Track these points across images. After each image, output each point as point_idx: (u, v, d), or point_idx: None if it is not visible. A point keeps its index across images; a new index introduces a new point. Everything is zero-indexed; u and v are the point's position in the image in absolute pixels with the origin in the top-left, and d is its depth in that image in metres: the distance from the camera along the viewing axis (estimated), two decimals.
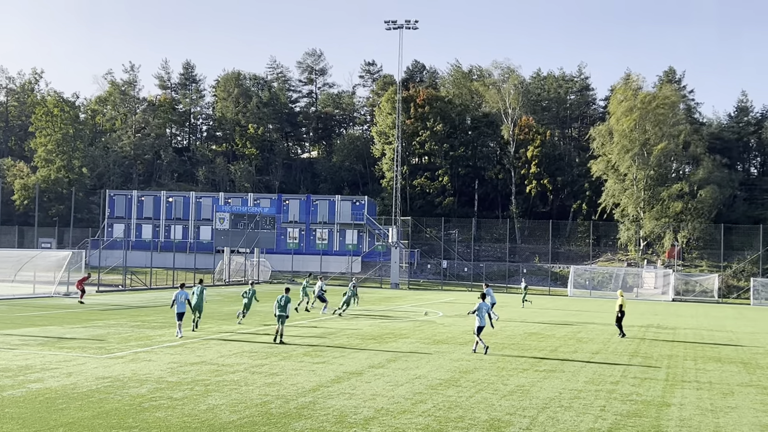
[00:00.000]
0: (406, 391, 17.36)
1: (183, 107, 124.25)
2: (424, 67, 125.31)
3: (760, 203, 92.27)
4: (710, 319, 45.79)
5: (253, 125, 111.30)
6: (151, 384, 17.25)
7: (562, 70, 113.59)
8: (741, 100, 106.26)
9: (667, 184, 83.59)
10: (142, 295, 50.18)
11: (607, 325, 36.53)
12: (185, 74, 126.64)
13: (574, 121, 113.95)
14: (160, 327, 29.60)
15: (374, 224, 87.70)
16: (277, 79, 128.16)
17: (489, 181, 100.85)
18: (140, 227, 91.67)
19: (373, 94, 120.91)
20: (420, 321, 36.18)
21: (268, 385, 17.57)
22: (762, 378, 21.38)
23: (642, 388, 19.01)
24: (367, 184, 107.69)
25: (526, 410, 15.64)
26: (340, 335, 28.64)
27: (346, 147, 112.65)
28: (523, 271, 75.88)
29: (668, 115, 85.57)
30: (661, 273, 73.41)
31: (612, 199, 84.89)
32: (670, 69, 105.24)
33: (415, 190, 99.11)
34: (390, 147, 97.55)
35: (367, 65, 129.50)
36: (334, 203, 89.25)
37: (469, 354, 24.19)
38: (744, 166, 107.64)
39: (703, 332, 35.53)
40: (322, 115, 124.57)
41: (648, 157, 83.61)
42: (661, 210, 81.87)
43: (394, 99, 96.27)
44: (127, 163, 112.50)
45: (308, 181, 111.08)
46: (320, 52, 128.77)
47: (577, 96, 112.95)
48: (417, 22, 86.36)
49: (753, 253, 77.79)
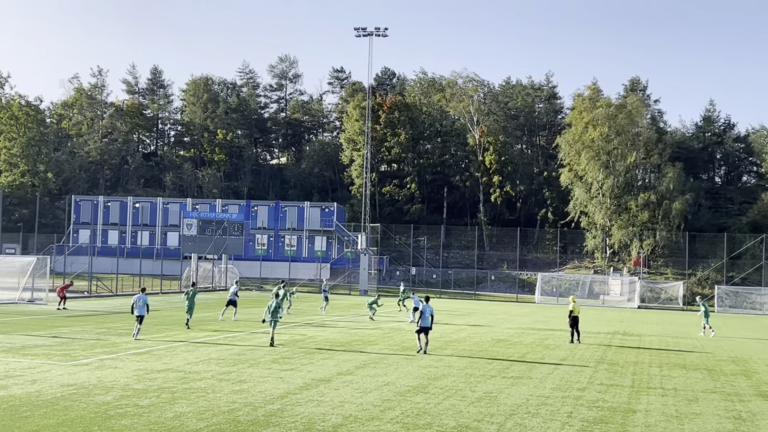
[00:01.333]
0: (375, 398, 17.35)
1: (151, 112, 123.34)
2: (394, 74, 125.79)
3: (724, 212, 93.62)
4: (675, 326, 46.33)
5: (222, 131, 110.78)
6: (117, 391, 17.07)
7: (531, 79, 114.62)
8: (708, 110, 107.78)
9: (633, 193, 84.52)
10: (107, 302, 49.62)
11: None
12: (153, 79, 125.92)
13: (541, 130, 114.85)
14: (126, 334, 29.29)
15: (343, 231, 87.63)
16: (246, 84, 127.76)
17: (457, 189, 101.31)
18: (106, 233, 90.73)
19: (342, 100, 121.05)
20: (389, 328, 36.19)
21: (236, 392, 17.46)
22: (726, 385, 21.66)
23: (608, 394, 19.18)
24: (337, 191, 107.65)
25: (494, 417, 15.71)
26: (309, 342, 28.55)
27: (316, 153, 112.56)
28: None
29: (633, 124, 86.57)
30: (627, 280, 74.19)
31: (579, 208, 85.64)
32: (635, 78, 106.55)
33: (384, 197, 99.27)
34: (359, 154, 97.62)
35: (336, 72, 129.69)
36: (303, 210, 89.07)
37: (437, 361, 24.25)
38: (709, 175, 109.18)
39: (668, 339, 35.93)
40: (291, 121, 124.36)
41: (614, 166, 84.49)
42: (627, 219, 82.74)
43: (362, 106, 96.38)
44: (93, 169, 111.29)
45: (277, 187, 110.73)
46: (294, 58, 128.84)
47: (545, 104, 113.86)
48: (387, 30, 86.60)
49: (717, 261, 78.88)
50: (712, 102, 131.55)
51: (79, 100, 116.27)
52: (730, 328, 45.91)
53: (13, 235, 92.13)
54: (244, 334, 30.98)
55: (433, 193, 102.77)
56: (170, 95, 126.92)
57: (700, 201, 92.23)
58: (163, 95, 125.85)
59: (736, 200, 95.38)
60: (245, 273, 78.10)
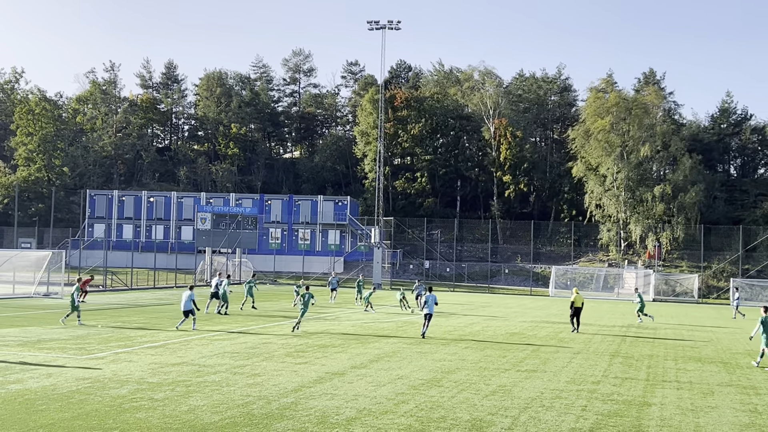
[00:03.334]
0: (389, 391, 17.34)
1: (165, 107, 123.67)
2: (410, 67, 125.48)
3: (739, 204, 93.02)
4: (690, 318, 46.11)
5: (236, 125, 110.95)
6: (132, 385, 17.14)
7: (545, 71, 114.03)
8: (725, 101, 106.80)
9: (648, 185, 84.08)
10: (122, 296, 49.89)
11: (588, 325, 36.68)
12: (167, 73, 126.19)
13: (555, 123, 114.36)
14: (140, 327, 29.45)
15: (357, 224, 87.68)
16: (260, 78, 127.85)
17: (470, 182, 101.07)
18: (121, 227, 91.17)
19: (355, 94, 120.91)
20: (402, 321, 36.18)
21: (250, 385, 17.50)
22: (741, 378, 21.53)
23: (623, 387, 19.10)
24: (350, 185, 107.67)
25: (508, 410, 15.67)
26: (323, 335, 28.59)
27: (329, 147, 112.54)
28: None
29: (648, 116, 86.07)
30: (641, 273, 73.86)
31: (594, 200, 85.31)
32: (650, 71, 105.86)
33: (398, 191, 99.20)
34: (372, 147, 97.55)
35: (349, 65, 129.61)
36: (316, 203, 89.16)
37: (451, 354, 24.22)
38: (724, 167, 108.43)
39: (683, 332, 35.76)
40: (304, 114, 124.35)
41: (628, 159, 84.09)
42: (643, 211, 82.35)
43: (375, 99, 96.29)
44: (108, 163, 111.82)
45: (290, 181, 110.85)
46: (308, 52, 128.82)
47: (558, 97, 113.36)
48: (400, 23, 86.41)
49: (732, 253, 78.43)
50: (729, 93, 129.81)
51: (94, 95, 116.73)
52: (746, 320, 45.61)
53: (29, 230, 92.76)
54: (258, 327, 31.06)
55: (446, 186, 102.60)
56: (184, 90, 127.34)
57: (715, 193, 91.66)
58: (177, 90, 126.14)
59: (752, 192, 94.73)
60: (259, 267, 78.32)
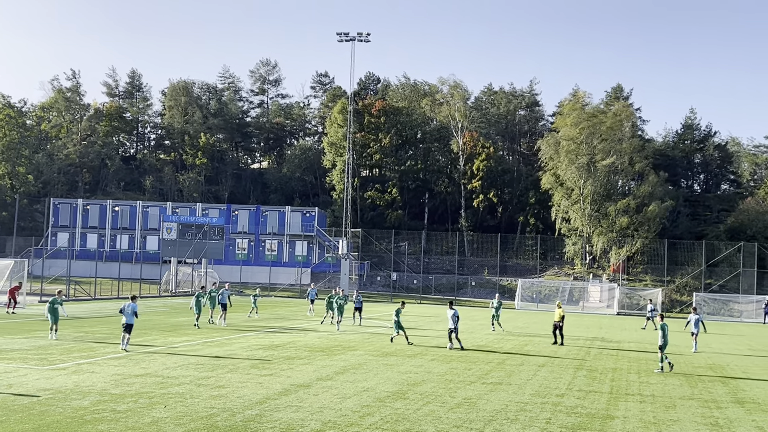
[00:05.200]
0: (354, 403, 17.32)
1: (131, 115, 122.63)
2: (379, 79, 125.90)
3: (702, 219, 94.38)
4: (654, 332, 46.57)
5: (204, 135, 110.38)
6: (94, 396, 16.94)
7: (513, 86, 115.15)
8: (689, 117, 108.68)
9: (614, 199, 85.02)
10: (86, 306, 49.25)
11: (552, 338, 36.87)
12: (132, 82, 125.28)
13: (522, 136, 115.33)
14: (104, 338, 29.10)
15: (324, 236, 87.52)
16: (228, 88, 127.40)
17: (439, 195, 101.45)
18: (85, 236, 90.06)
19: (324, 105, 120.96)
20: (369, 333, 36.14)
21: (214, 397, 17.38)
22: (703, 391, 21.81)
23: (587, 400, 19.26)
24: (318, 196, 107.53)
25: (473, 423, 15.72)
26: (288, 347, 28.47)
27: (297, 158, 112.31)
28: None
29: (615, 131, 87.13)
30: (606, 287, 74.56)
31: (560, 214, 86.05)
32: (617, 86, 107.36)
33: (366, 202, 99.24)
34: (341, 159, 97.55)
35: (319, 76, 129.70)
36: (284, 214, 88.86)
37: (417, 367, 24.25)
38: (688, 183, 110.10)
39: (646, 345, 36.12)
40: (273, 125, 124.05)
41: (595, 172, 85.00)
42: (607, 225, 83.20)
43: (345, 110, 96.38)
44: (72, 171, 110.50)
45: (258, 191, 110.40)
46: (274, 62, 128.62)
47: (527, 111, 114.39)
48: (369, 35, 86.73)
49: (695, 268, 79.49)
50: (693, 110, 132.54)
51: (59, 103, 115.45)
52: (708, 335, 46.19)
53: None
54: (224, 338, 30.86)
55: (414, 198, 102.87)
56: (150, 98, 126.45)
57: (679, 208, 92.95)
58: (141, 98, 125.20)
59: (715, 208, 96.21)
60: (225, 277, 77.56)
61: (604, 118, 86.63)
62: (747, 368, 28.39)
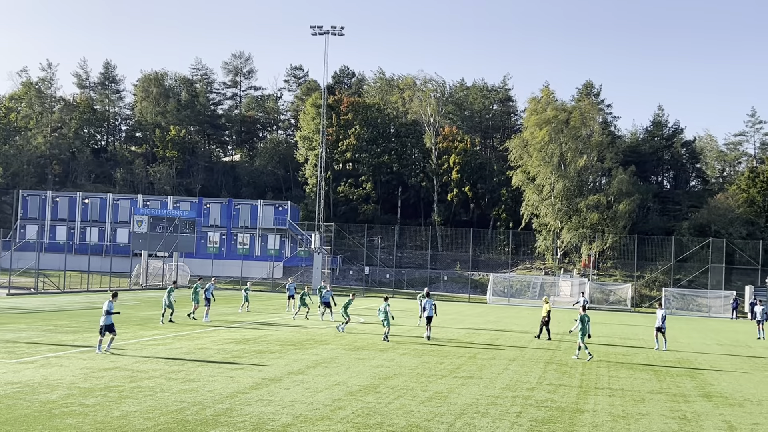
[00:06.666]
0: (326, 397, 17.30)
1: (102, 107, 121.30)
2: (353, 73, 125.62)
3: (672, 215, 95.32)
4: (623, 327, 47.07)
5: (175, 127, 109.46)
6: (63, 390, 16.76)
7: (484, 81, 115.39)
8: (657, 114, 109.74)
9: (584, 195, 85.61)
10: (55, 299, 48.73)
11: (525, 333, 37.17)
12: (105, 73, 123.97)
13: (496, 131, 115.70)
14: (73, 332, 28.80)
15: (297, 230, 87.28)
16: (200, 80, 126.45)
17: (412, 189, 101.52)
18: (54, 229, 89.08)
19: (298, 99, 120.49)
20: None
21: (185, 391, 17.27)
22: (671, 385, 22.05)
23: (557, 394, 19.39)
24: (291, 189, 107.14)
25: (444, 416, 15.77)
26: (260, 341, 28.37)
27: (270, 151, 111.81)
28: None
29: (585, 127, 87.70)
30: (576, 282, 75.10)
31: (531, 209, 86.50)
32: (588, 83, 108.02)
33: (339, 196, 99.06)
34: (314, 152, 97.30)
35: (293, 69, 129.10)
36: (256, 208, 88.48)
37: (389, 360, 24.28)
38: (657, 179, 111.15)
39: (616, 340, 36.45)
40: (245, 118, 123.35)
41: (565, 169, 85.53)
42: (578, 221, 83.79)
43: (318, 104, 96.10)
44: (42, 163, 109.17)
45: (230, 184, 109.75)
46: (248, 54, 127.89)
47: (500, 106, 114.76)
48: (343, 29, 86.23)
49: (665, 263, 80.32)
50: (660, 107, 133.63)
51: (28, 94, 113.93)
52: (677, 329, 46.74)
53: None
54: (195, 332, 30.68)
55: (387, 192, 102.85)
56: (122, 90, 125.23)
57: (648, 204, 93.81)
58: (113, 90, 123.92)
59: (684, 204, 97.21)
60: (197, 271, 77.31)
61: (573, 115, 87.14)
62: (715, 363, 28.75)
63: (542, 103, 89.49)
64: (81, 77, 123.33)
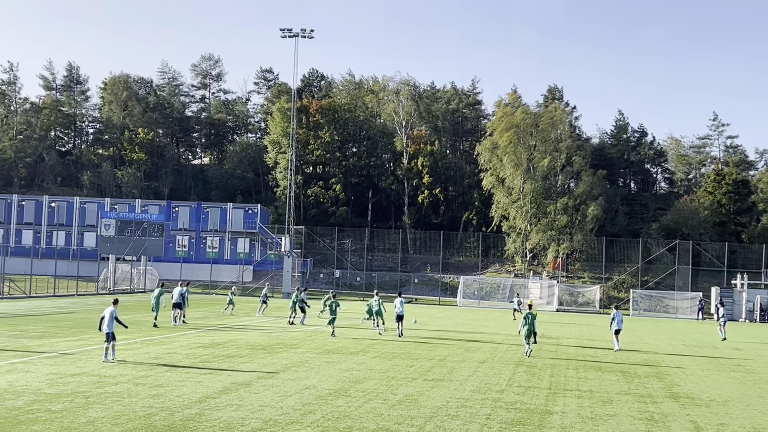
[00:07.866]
0: (295, 401, 17.24)
1: (68, 109, 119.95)
2: (323, 76, 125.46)
3: (639, 218, 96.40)
4: (592, 328, 47.41)
5: (143, 129, 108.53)
6: (29, 396, 16.53)
7: (453, 85, 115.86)
8: (618, 119, 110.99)
9: (553, 198, 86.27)
10: (20, 304, 48.08)
11: (494, 335, 37.32)
12: (70, 75, 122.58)
13: (466, 134, 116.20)
14: (39, 337, 28.44)
15: (267, 233, 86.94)
16: (168, 83, 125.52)
17: (383, 192, 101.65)
18: (20, 233, 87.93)
19: (268, 101, 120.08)
20: (311, 331, 36.02)
21: (153, 396, 17.11)
22: (639, 386, 22.25)
23: (526, 396, 19.48)
24: (260, 193, 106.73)
25: (414, 419, 15.78)
26: (229, 345, 28.20)
27: (239, 154, 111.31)
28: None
29: (552, 131, 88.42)
30: (546, 284, 75.63)
31: (500, 212, 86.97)
32: (553, 87, 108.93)
33: (309, 199, 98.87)
34: (284, 155, 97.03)
35: (263, 72, 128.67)
36: (225, 211, 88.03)
37: (359, 364, 24.25)
38: (625, 181, 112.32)
39: (584, 341, 36.73)
40: (214, 121, 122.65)
41: (534, 172, 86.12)
42: (546, 223, 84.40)
43: (288, 107, 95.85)
44: (7, 166, 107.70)
45: (199, 188, 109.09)
46: (217, 57, 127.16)
47: (470, 110, 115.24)
48: (312, 32, 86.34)
49: (632, 265, 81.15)
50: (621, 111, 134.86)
51: None
52: (644, 331, 47.22)
53: None
54: (163, 336, 30.42)
55: (358, 195, 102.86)
56: (88, 92, 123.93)
57: (616, 207, 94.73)
58: (79, 92, 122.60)
59: (651, 206, 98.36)
60: (165, 275, 76.67)
61: (542, 119, 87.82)
62: (682, 363, 29.07)
63: (510, 106, 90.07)
64: (47, 79, 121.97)
